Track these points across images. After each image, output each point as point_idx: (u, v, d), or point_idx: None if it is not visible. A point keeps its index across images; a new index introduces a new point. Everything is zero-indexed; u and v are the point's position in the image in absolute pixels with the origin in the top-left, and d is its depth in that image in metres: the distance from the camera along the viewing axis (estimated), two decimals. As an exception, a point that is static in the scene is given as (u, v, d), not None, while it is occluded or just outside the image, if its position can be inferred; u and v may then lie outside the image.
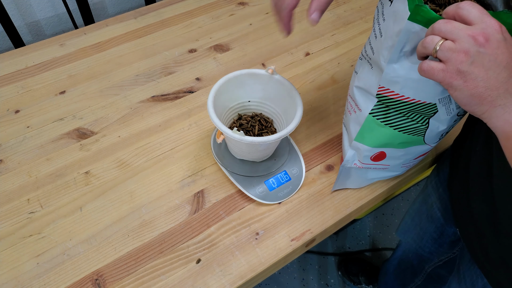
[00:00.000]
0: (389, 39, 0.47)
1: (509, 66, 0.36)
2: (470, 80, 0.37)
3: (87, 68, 0.86)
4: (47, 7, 0.96)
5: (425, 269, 0.92)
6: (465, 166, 0.62)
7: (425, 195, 0.82)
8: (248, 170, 0.67)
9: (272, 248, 0.62)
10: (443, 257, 0.84)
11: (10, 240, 0.61)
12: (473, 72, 0.37)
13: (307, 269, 1.42)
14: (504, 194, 0.51)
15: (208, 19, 0.98)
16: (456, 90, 0.38)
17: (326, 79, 0.86)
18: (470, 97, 0.38)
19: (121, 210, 0.65)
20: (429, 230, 0.81)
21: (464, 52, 0.37)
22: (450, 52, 0.37)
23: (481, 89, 0.37)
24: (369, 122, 0.56)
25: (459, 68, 0.37)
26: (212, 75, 0.85)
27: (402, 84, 0.48)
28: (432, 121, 0.52)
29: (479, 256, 0.60)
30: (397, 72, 0.48)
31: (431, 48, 0.39)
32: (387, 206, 1.59)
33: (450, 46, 0.37)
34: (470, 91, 0.37)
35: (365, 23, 0.98)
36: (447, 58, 0.38)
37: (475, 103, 0.38)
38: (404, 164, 0.63)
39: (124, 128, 0.75)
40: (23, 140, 0.73)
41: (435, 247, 0.83)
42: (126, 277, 0.58)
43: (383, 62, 0.48)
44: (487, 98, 0.37)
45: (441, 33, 0.38)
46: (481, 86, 0.37)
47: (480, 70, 0.37)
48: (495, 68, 0.36)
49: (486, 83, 0.37)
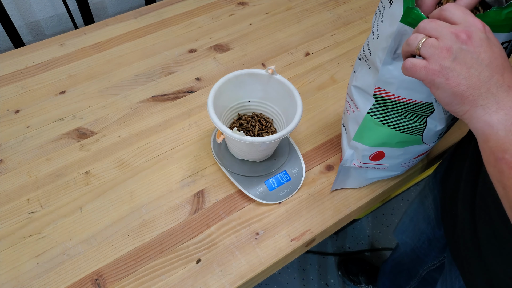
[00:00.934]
0: (384, 40, 0.47)
1: (491, 65, 0.36)
2: (452, 77, 0.37)
3: (87, 68, 0.86)
4: (47, 7, 0.96)
5: (420, 273, 0.92)
6: (460, 168, 0.62)
7: (422, 196, 0.82)
8: (248, 170, 0.67)
9: (272, 248, 0.62)
10: (436, 261, 0.84)
11: (10, 240, 0.61)
12: (455, 69, 0.37)
13: (307, 269, 1.42)
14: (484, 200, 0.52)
15: (208, 19, 0.98)
16: (438, 88, 0.38)
17: (326, 79, 0.86)
18: (452, 96, 0.38)
19: (121, 210, 0.65)
20: (426, 231, 0.82)
21: (446, 48, 0.37)
22: (432, 49, 0.38)
23: (463, 87, 0.37)
24: (367, 122, 0.56)
25: (442, 64, 0.37)
26: (212, 75, 0.85)
27: (397, 85, 0.49)
28: (429, 120, 0.53)
29: (459, 259, 0.61)
30: (392, 73, 0.48)
31: (414, 45, 0.39)
32: (387, 206, 1.59)
33: (432, 43, 0.38)
34: (452, 89, 0.37)
35: (365, 23, 0.98)
36: (430, 55, 0.38)
37: (457, 102, 0.38)
38: (403, 164, 0.63)
39: (124, 128, 0.75)
40: (23, 140, 0.73)
41: (430, 249, 0.83)
42: (126, 277, 0.58)
43: (378, 63, 0.49)
44: (468, 97, 0.37)
45: (425, 31, 0.39)
46: (463, 84, 0.37)
47: (462, 68, 0.37)
48: (477, 66, 0.36)
49: (468, 81, 0.37)
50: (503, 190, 0.37)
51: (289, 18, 0.99)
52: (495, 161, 0.37)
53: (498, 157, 0.36)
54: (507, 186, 0.36)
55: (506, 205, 0.37)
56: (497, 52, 0.37)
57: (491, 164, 0.38)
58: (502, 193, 0.37)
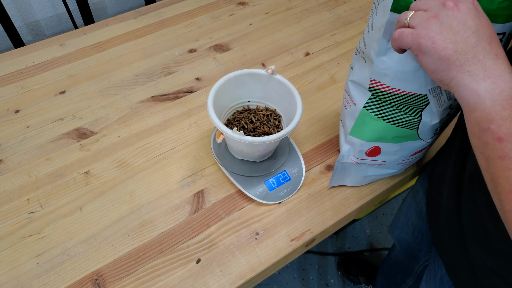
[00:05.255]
0: (378, 31, 0.48)
1: (478, 33, 0.36)
2: (439, 41, 0.37)
3: (87, 68, 0.86)
4: (47, 7, 0.96)
5: (415, 270, 0.92)
6: (446, 158, 0.62)
7: (414, 191, 0.82)
8: (248, 170, 0.67)
9: (272, 248, 0.62)
10: (427, 256, 0.85)
11: (10, 240, 0.61)
12: (442, 33, 0.37)
13: (307, 269, 1.42)
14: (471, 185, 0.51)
15: (208, 19, 0.98)
16: (425, 53, 0.38)
17: (326, 79, 0.86)
18: (438, 61, 0.38)
19: (121, 210, 0.65)
20: (418, 225, 0.82)
21: (433, 15, 0.38)
22: (419, 18, 0.38)
23: (449, 51, 0.37)
24: (363, 116, 0.56)
25: (428, 28, 0.38)
26: (212, 75, 0.85)
27: (392, 76, 0.49)
28: (424, 114, 0.53)
29: (443, 251, 0.61)
30: (386, 64, 0.49)
31: (403, 20, 0.40)
32: (387, 206, 1.59)
33: (420, 14, 0.39)
34: (438, 53, 0.37)
35: (365, 23, 0.98)
36: (417, 23, 0.38)
37: (444, 68, 0.38)
38: (400, 161, 0.63)
39: (124, 128, 0.75)
40: (23, 140, 0.73)
41: (423, 244, 0.84)
42: (126, 277, 0.58)
43: (373, 54, 0.49)
44: (455, 62, 0.37)
45: (415, 7, 0.40)
46: (450, 48, 0.37)
47: (449, 32, 0.37)
48: (464, 32, 0.36)
49: (455, 45, 0.37)
50: (485, 163, 0.36)
51: (289, 18, 0.99)
52: (480, 131, 0.36)
53: (483, 127, 0.36)
54: (490, 158, 0.36)
55: (487, 177, 0.37)
56: (484, 22, 0.37)
57: (475, 135, 0.37)
58: (484, 165, 0.37)
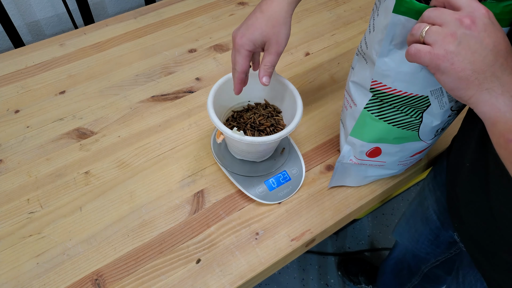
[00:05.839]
0: (379, 32, 0.48)
1: (495, 50, 0.37)
2: (457, 62, 0.37)
3: (87, 68, 0.86)
4: (47, 7, 0.96)
5: (422, 269, 0.92)
6: (462, 166, 0.61)
7: (422, 198, 0.81)
8: (248, 170, 0.67)
9: (272, 248, 0.62)
10: (440, 257, 0.84)
11: (10, 240, 0.61)
12: (460, 54, 0.37)
13: (307, 269, 1.42)
14: (500, 191, 0.51)
15: (208, 19, 0.98)
16: (443, 73, 0.38)
17: (326, 79, 0.86)
18: (457, 81, 0.38)
19: (121, 210, 0.65)
20: (424, 232, 0.81)
21: (450, 34, 0.37)
22: (436, 35, 0.38)
23: (468, 72, 0.37)
24: (363, 117, 0.56)
25: (446, 49, 0.37)
26: (212, 75, 0.85)
27: (394, 78, 0.49)
28: (425, 115, 0.53)
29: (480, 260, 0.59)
30: (388, 66, 0.49)
31: (418, 34, 0.39)
32: (387, 206, 1.59)
33: (436, 30, 0.38)
34: (457, 74, 0.38)
35: (365, 23, 0.98)
36: (434, 41, 0.38)
37: (462, 87, 0.38)
38: (400, 162, 0.63)
39: (124, 128, 0.75)
40: (23, 140, 0.73)
41: (432, 248, 0.83)
42: (126, 277, 0.58)
43: (374, 55, 0.49)
44: (474, 82, 0.37)
45: (429, 20, 0.39)
46: (468, 68, 0.37)
47: (467, 52, 0.37)
48: (481, 51, 0.37)
49: (473, 66, 0.37)
50: None
51: (289, 18, 0.99)
52: (506, 143, 0.37)
53: (508, 138, 0.37)
54: None
55: None
56: (500, 37, 0.37)
57: (501, 147, 0.38)
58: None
